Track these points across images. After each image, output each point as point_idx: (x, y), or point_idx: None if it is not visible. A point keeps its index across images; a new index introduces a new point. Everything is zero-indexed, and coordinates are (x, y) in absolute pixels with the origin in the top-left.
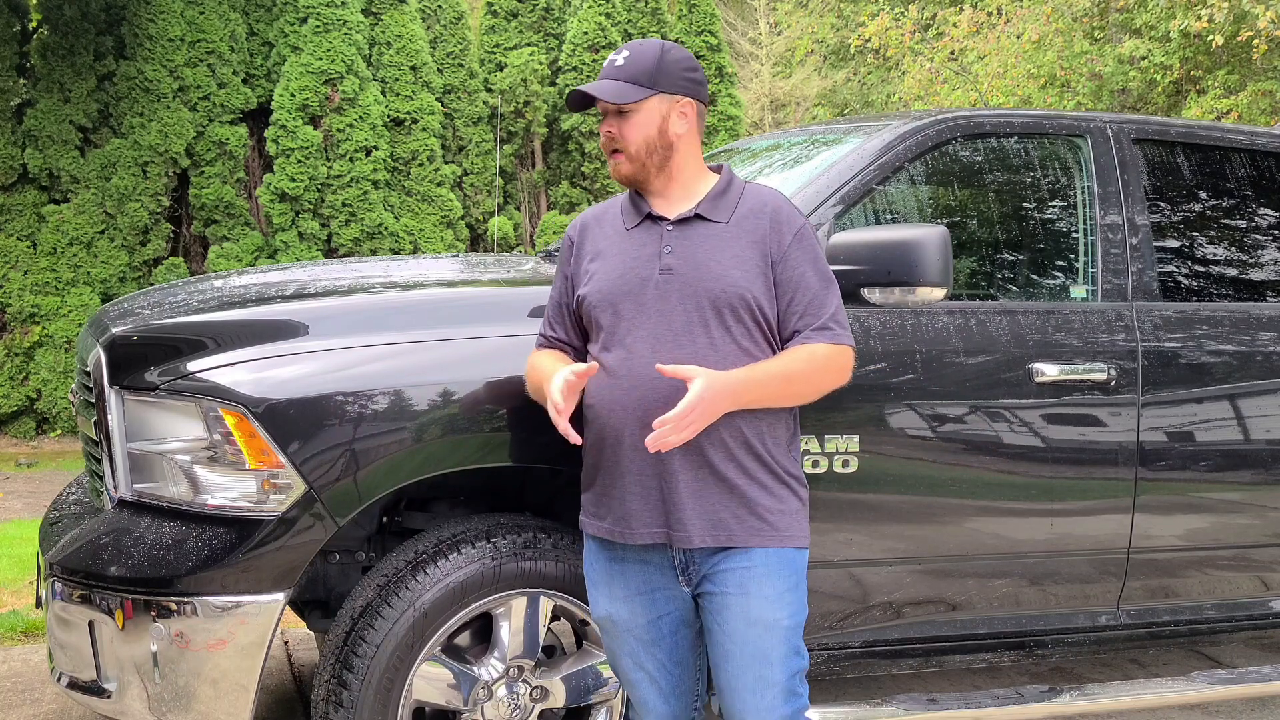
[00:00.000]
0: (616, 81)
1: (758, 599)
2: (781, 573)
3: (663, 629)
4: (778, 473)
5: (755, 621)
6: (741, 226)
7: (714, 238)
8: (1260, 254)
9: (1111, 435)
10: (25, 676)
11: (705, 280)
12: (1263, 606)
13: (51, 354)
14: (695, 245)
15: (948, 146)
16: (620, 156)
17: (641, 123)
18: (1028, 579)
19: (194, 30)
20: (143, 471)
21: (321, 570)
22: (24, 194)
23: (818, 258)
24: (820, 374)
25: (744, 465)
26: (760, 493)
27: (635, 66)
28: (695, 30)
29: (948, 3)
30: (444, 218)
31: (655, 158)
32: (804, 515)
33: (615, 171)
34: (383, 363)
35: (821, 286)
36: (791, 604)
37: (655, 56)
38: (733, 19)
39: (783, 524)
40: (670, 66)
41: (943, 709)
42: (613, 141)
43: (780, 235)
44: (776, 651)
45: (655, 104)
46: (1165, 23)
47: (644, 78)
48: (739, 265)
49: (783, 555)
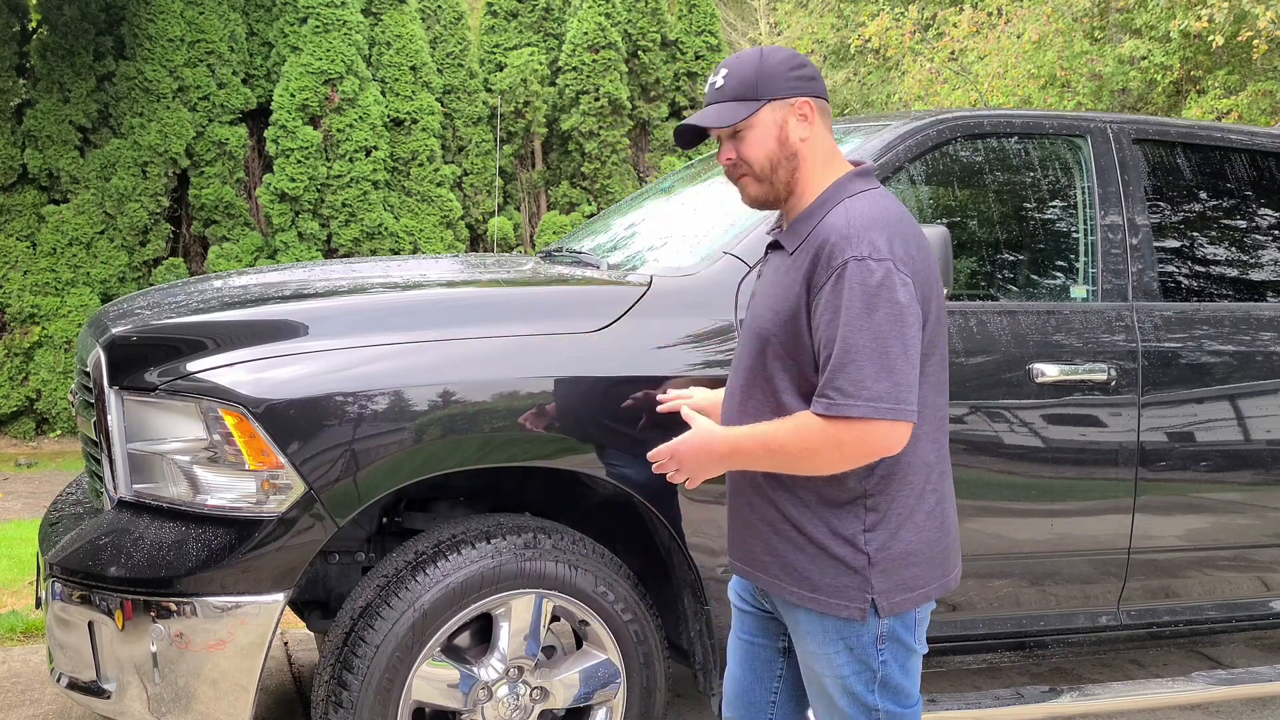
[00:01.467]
0: (719, 105)
1: (812, 656)
2: (829, 638)
3: (745, 628)
4: (808, 533)
5: (815, 671)
6: (797, 260)
7: (777, 270)
8: (1260, 254)
9: (1112, 435)
10: (25, 677)
11: (755, 319)
12: (1263, 606)
13: (51, 354)
14: (766, 277)
15: (948, 147)
16: (746, 179)
17: (760, 138)
18: (1028, 579)
19: (194, 30)
20: (142, 472)
21: (321, 570)
22: (24, 194)
23: (844, 306)
24: (815, 448)
25: (768, 515)
26: (792, 550)
27: (736, 81)
28: (695, 30)
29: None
30: (444, 218)
31: (782, 172)
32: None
33: (745, 197)
34: (382, 363)
35: (835, 341)
36: (851, 667)
37: (754, 65)
38: (733, 19)
39: (816, 586)
40: (773, 70)
41: (943, 709)
42: (736, 167)
43: (815, 273)
44: (837, 703)
45: (767, 114)
46: (1165, 23)
47: (747, 90)
48: (774, 306)
49: (824, 623)
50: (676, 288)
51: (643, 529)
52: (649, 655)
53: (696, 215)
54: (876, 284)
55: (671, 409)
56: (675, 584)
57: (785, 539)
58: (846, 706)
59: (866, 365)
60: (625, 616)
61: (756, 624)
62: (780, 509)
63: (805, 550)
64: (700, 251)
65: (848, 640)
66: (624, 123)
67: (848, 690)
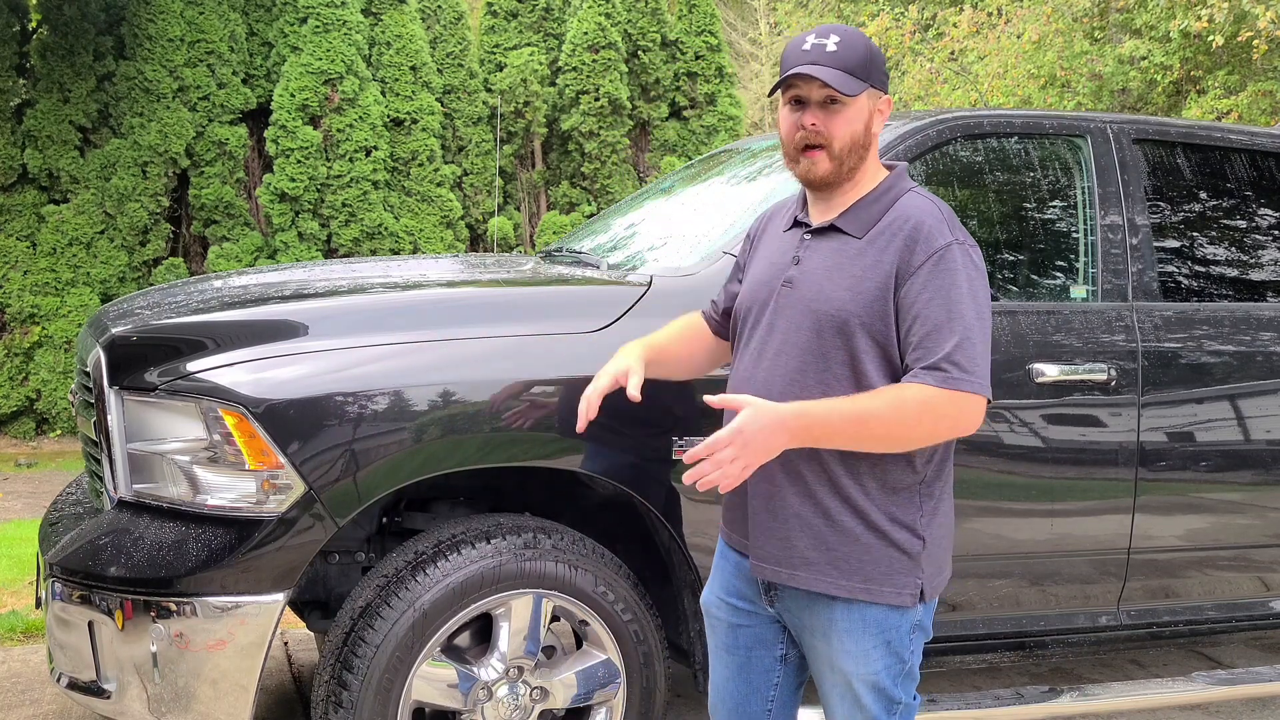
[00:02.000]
0: (837, 71)
1: (841, 653)
2: (865, 630)
3: (739, 639)
4: (869, 518)
5: (839, 670)
6: (874, 243)
7: (840, 253)
8: (1260, 254)
9: (1112, 435)
10: (25, 677)
11: (814, 300)
12: (1263, 606)
13: (51, 354)
14: (820, 259)
15: (948, 147)
16: (818, 154)
17: (852, 118)
18: (1028, 579)
19: (194, 30)
20: (142, 472)
21: (321, 570)
22: (24, 194)
23: (953, 285)
24: (913, 421)
25: (824, 505)
26: (837, 538)
27: (850, 54)
28: (695, 30)
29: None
30: (444, 218)
31: (854, 157)
32: (906, 568)
33: (809, 170)
34: (382, 363)
35: (946, 318)
36: (883, 660)
37: (867, 46)
38: (733, 19)
39: (866, 576)
40: (878, 59)
41: (943, 709)
42: (815, 136)
43: (911, 255)
44: (862, 699)
45: (865, 100)
46: (1165, 23)
47: (859, 69)
48: (853, 286)
49: (867, 614)
50: (677, 288)
51: (643, 529)
52: (649, 655)
53: (696, 215)
54: (977, 269)
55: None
56: (675, 584)
57: (839, 530)
58: (872, 704)
59: (978, 344)
60: (625, 616)
61: (753, 636)
62: (843, 497)
63: (861, 540)
64: (700, 251)
65: (886, 633)
66: (624, 123)
67: (877, 686)
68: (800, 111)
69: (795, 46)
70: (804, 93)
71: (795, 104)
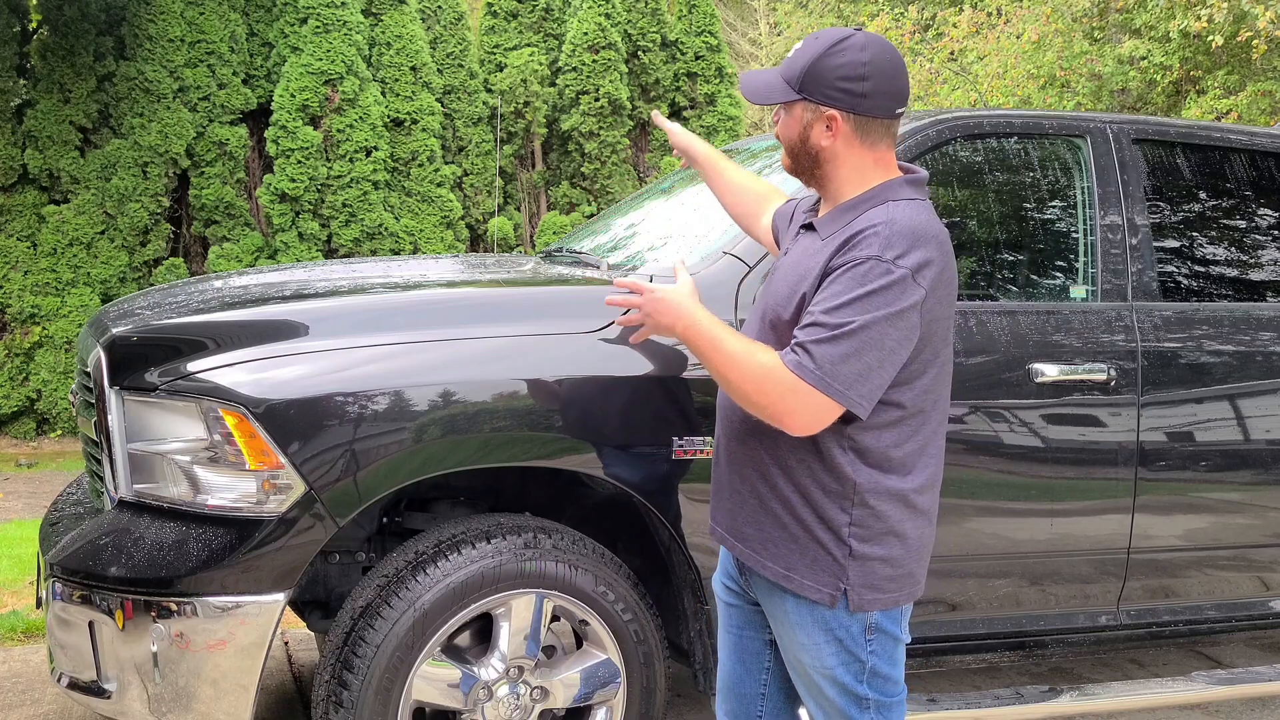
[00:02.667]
0: (771, 77)
1: (794, 646)
2: (815, 626)
3: (732, 620)
4: (796, 512)
5: (798, 662)
6: (829, 244)
7: (803, 251)
8: (1260, 254)
9: (1111, 435)
10: (25, 676)
11: (767, 294)
12: (1263, 606)
13: (51, 354)
14: (791, 256)
15: (947, 147)
16: (783, 151)
17: (788, 123)
18: (1028, 579)
19: (194, 31)
20: (143, 472)
21: (321, 570)
22: (24, 194)
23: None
24: (749, 378)
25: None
26: (770, 522)
27: (792, 63)
28: (695, 30)
29: (947, 3)
30: (444, 218)
31: (803, 162)
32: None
33: (782, 162)
34: (383, 363)
35: (828, 313)
36: (839, 657)
37: (810, 59)
38: (733, 19)
39: (793, 566)
40: (822, 72)
41: (943, 709)
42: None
43: (838, 255)
44: (826, 693)
45: (799, 110)
46: (1165, 23)
47: (792, 79)
48: (792, 284)
49: (814, 612)
50: None
51: (643, 529)
52: (649, 655)
53: (696, 215)
54: (884, 287)
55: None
56: (675, 584)
57: (769, 512)
58: (836, 697)
59: (847, 351)
60: (625, 616)
61: (743, 616)
62: (780, 482)
63: (789, 528)
64: (700, 251)
65: (834, 631)
66: (624, 123)
67: (836, 681)
68: None
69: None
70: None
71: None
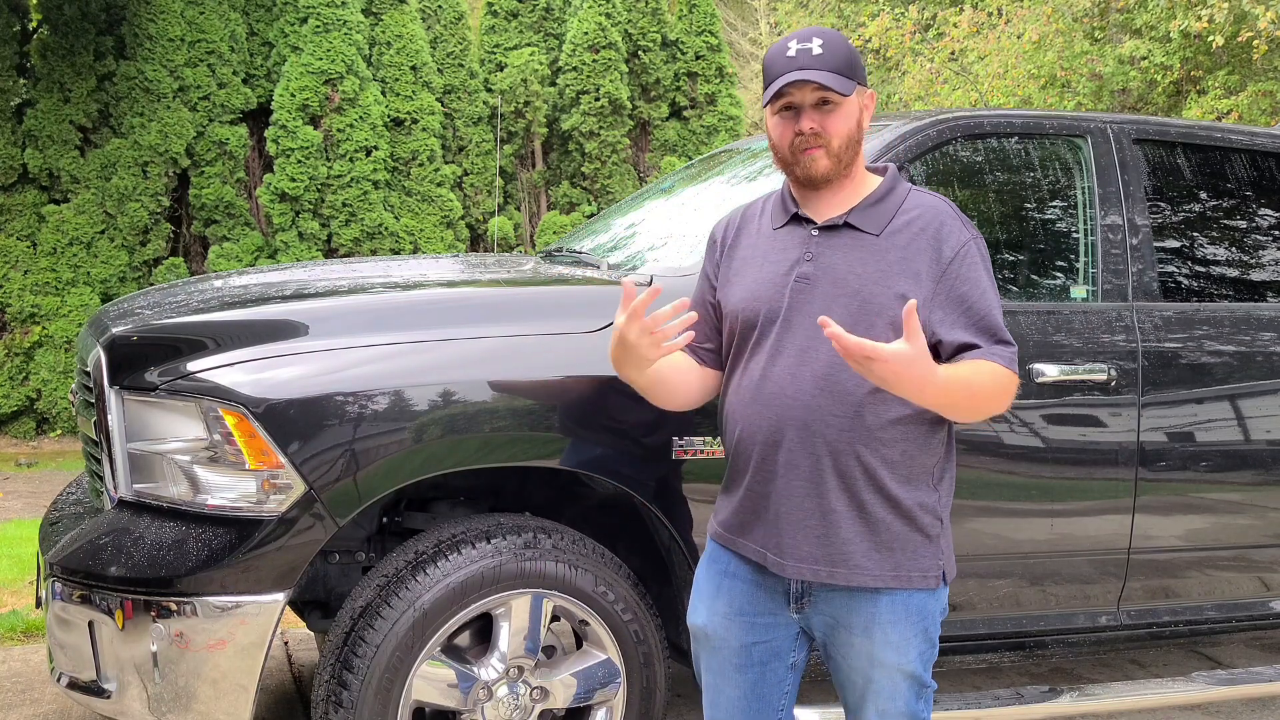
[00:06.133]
0: (830, 72)
1: (882, 644)
2: (911, 619)
3: (753, 656)
4: (902, 507)
5: (879, 663)
6: (894, 240)
7: (860, 249)
8: (1260, 254)
9: (1112, 435)
10: (25, 676)
11: (842, 294)
12: (1263, 606)
13: (51, 354)
14: (838, 255)
15: (948, 147)
16: (818, 152)
17: (846, 115)
18: (1028, 579)
19: (194, 30)
20: (143, 471)
21: (321, 570)
22: (24, 194)
23: (984, 275)
24: (997, 397)
25: (859, 499)
26: (870, 531)
27: (835, 55)
28: (695, 30)
29: (948, 3)
30: (444, 218)
31: (849, 153)
32: (931, 552)
33: (810, 169)
34: (383, 363)
35: (987, 308)
36: (919, 647)
37: (848, 45)
38: (733, 19)
39: (899, 564)
40: (857, 56)
41: (943, 709)
42: (814, 138)
43: (939, 251)
44: (899, 688)
45: (855, 98)
46: (1165, 23)
47: (846, 68)
48: (880, 280)
49: (910, 601)
50: (677, 288)
51: (643, 529)
52: (649, 655)
53: (696, 215)
54: (986, 254)
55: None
56: (675, 584)
57: (873, 520)
58: (907, 691)
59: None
60: (625, 616)
61: (769, 649)
62: (876, 487)
63: (892, 527)
64: (700, 251)
65: (924, 620)
66: (624, 123)
67: (913, 675)
68: (793, 116)
69: (779, 53)
70: (796, 99)
71: (786, 110)
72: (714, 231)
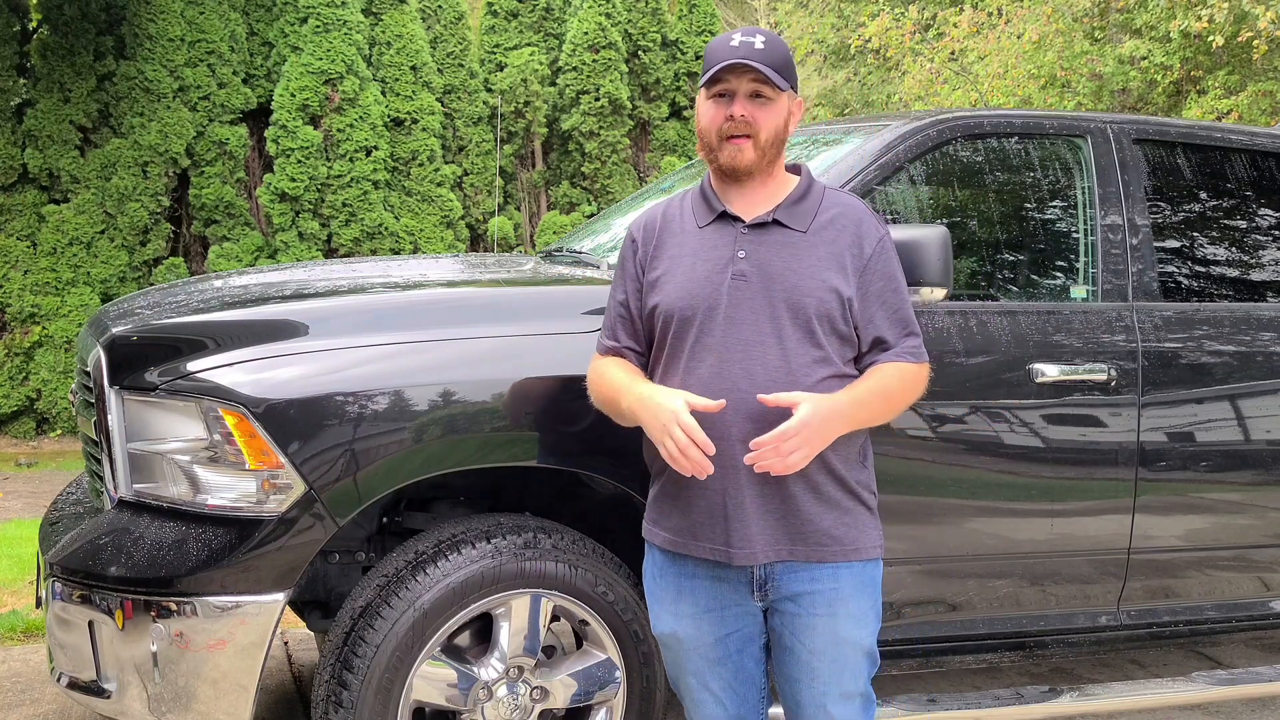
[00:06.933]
0: (770, 67)
1: (845, 619)
2: (867, 589)
3: (729, 647)
4: (849, 485)
5: (843, 640)
6: (820, 236)
7: (790, 245)
8: (1260, 254)
9: (1112, 435)
10: (25, 676)
11: (780, 289)
12: (1263, 606)
13: (51, 354)
14: (770, 252)
15: (948, 147)
16: (745, 142)
17: (777, 112)
18: (1028, 579)
19: (194, 30)
20: (143, 471)
21: (321, 570)
22: (24, 194)
23: (897, 271)
24: (910, 393)
25: (813, 481)
26: (827, 508)
27: (775, 54)
28: (695, 30)
29: (948, 3)
30: (444, 218)
31: (773, 150)
32: (874, 524)
33: (734, 158)
34: (383, 363)
35: (899, 303)
36: (873, 622)
37: (787, 50)
38: (733, 19)
39: (854, 538)
40: (793, 65)
41: (943, 709)
42: (744, 126)
43: (861, 246)
44: (860, 665)
45: (786, 98)
46: (1165, 23)
47: (784, 69)
48: (815, 274)
49: (864, 572)
50: None
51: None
52: (649, 655)
53: None
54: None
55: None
56: None
57: (826, 499)
58: (863, 662)
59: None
60: (625, 616)
61: (743, 636)
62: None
63: (843, 504)
64: None
65: (875, 590)
66: (624, 123)
67: (869, 652)
68: (726, 103)
69: (722, 44)
70: (732, 86)
71: (720, 97)
72: (632, 231)
